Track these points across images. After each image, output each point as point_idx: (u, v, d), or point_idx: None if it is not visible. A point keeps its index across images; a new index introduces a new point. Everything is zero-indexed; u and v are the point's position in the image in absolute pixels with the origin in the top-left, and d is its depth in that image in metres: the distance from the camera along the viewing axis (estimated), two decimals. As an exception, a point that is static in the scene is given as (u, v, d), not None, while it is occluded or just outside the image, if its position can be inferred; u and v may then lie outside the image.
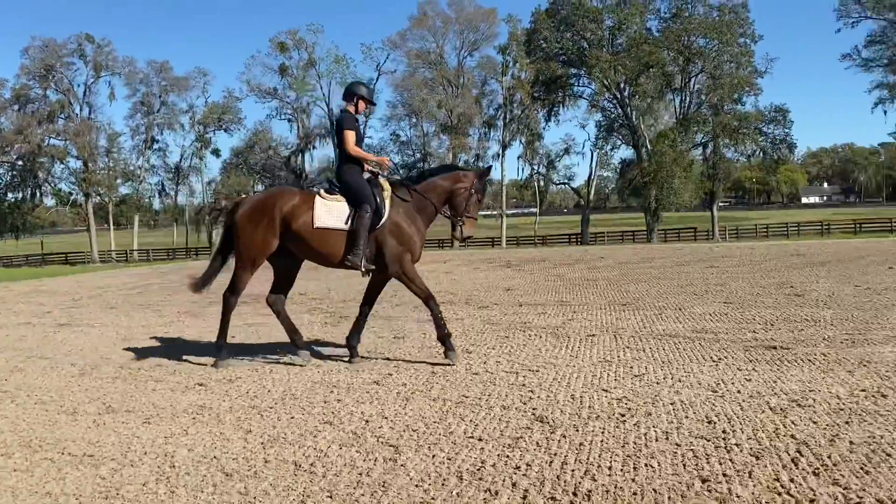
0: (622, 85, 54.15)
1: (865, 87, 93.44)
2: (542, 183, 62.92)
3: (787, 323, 8.12)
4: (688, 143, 53.32)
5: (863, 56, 53.19)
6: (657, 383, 5.48)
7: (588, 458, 3.87)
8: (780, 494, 3.29)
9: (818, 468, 3.57)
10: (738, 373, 5.72)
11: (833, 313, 8.68)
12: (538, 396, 5.21)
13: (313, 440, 4.46)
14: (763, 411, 4.60)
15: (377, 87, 71.40)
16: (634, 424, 4.43)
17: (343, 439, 4.44)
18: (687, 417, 4.54)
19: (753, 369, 5.82)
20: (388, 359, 6.94)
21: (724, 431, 4.23)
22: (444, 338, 6.58)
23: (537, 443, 4.17)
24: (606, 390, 5.31)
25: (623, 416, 4.63)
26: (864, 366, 5.75)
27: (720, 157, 54.55)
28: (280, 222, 6.61)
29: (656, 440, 4.13)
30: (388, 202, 6.63)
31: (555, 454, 3.96)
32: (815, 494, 3.26)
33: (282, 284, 7.11)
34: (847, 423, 4.27)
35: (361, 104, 6.97)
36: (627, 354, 6.67)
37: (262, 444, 4.46)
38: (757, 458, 3.76)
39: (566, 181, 64.29)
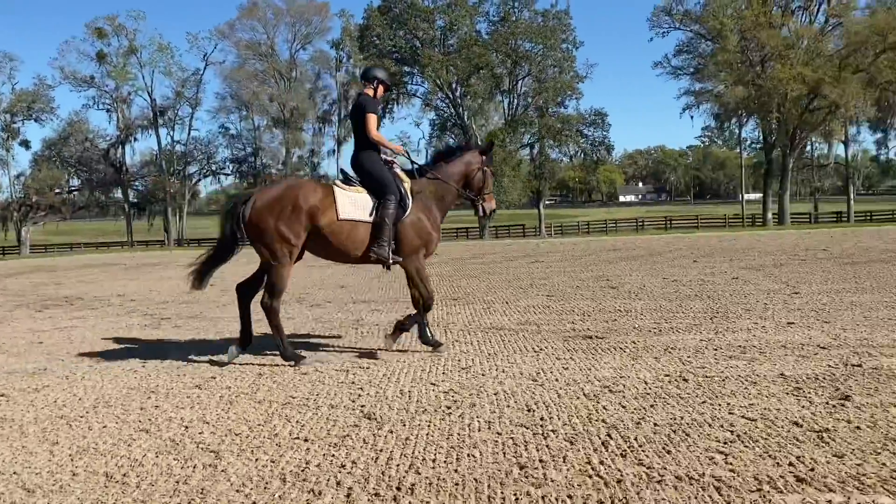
0: (454, 85, 55.36)
1: (675, 93, 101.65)
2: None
3: (603, 314, 8.65)
4: (516, 143, 55.40)
5: (672, 64, 57.69)
6: (482, 375, 5.66)
7: (413, 452, 3.92)
8: (590, 477, 3.49)
9: (625, 450, 3.83)
10: (556, 362, 6.02)
11: (643, 304, 9.36)
12: (367, 393, 5.21)
13: (127, 449, 4.21)
14: (578, 398, 4.86)
15: (204, 77, 68.54)
16: (459, 416, 4.54)
17: (160, 447, 4.22)
18: (509, 407, 4.72)
19: (571, 358, 6.15)
20: (213, 362, 6.69)
21: (542, 419, 4.43)
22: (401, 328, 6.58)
23: (364, 440, 4.17)
24: (434, 384, 5.41)
25: (449, 408, 4.73)
26: (669, 352, 6.23)
27: (545, 157, 57.23)
28: (306, 215, 6.07)
29: (479, 430, 4.26)
30: (409, 193, 6.38)
31: (381, 450, 3.98)
32: (622, 475, 3.49)
33: (260, 280, 6.40)
34: (652, 406, 4.60)
35: (381, 89, 6.67)
36: (456, 348, 6.83)
37: (69, 456, 4.15)
38: (571, 443, 3.97)
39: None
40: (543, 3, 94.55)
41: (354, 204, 6.22)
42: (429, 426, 4.38)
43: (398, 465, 3.74)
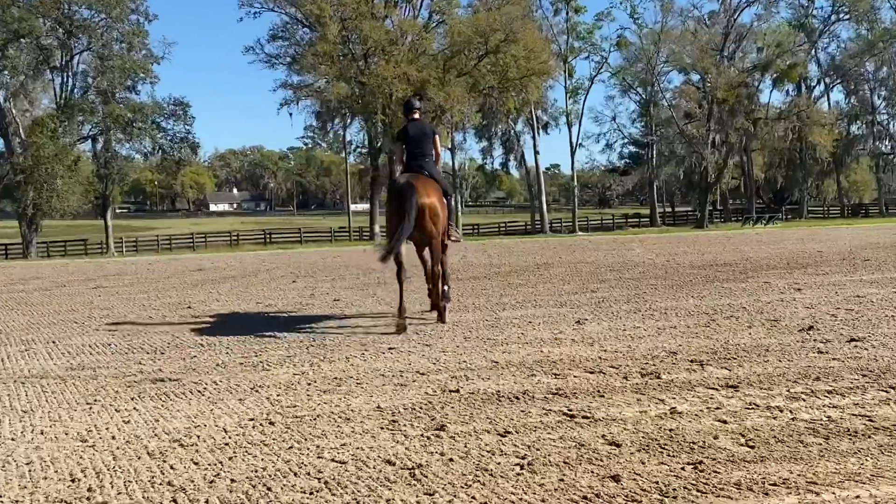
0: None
1: (272, 85, 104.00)
2: None
3: (180, 349, 8.47)
4: (73, 134, 52.25)
5: (266, 51, 58.91)
6: (12, 440, 5.14)
7: None
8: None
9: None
10: (115, 415, 5.72)
11: (230, 335, 9.37)
12: None
13: None
14: (140, 458, 4.66)
15: None
16: (-27, 500, 4.05)
17: None
18: (46, 479, 4.34)
19: (135, 409, 5.89)
20: None
21: (90, 489, 4.15)
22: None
23: None
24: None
25: (-42, 491, 4.19)
26: (256, 391, 6.30)
27: (113, 154, 54.80)
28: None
29: (0, 516, 3.84)
30: None
31: None
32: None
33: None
34: (231, 458, 4.59)
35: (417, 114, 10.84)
36: (-25, 408, 6.11)
37: None
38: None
39: None
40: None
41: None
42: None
43: None
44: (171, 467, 4.48)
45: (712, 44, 71.79)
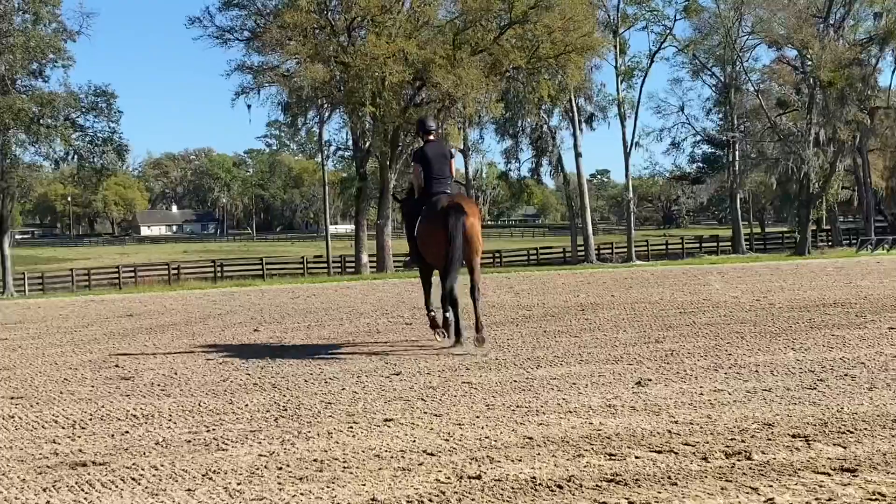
0: None
1: (225, 68, 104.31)
2: None
3: (108, 422, 8.53)
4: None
5: (217, 23, 58.93)
6: None
7: None
8: None
9: None
10: (23, 512, 5.75)
11: (173, 402, 9.43)
12: None
13: None
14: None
15: None
16: None
17: None
18: None
19: (48, 502, 5.92)
20: None
21: None
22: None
23: None
24: None
25: None
26: (210, 478, 6.33)
27: (13, 161, 54.99)
28: None
29: None
30: None
31: None
32: None
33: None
34: (179, 568, 4.62)
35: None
36: None
37: None
38: None
39: None
40: None
41: None
42: None
43: None
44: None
45: (813, 8, 71.65)
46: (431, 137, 14.09)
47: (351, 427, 7.88)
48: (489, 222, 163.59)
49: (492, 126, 75.73)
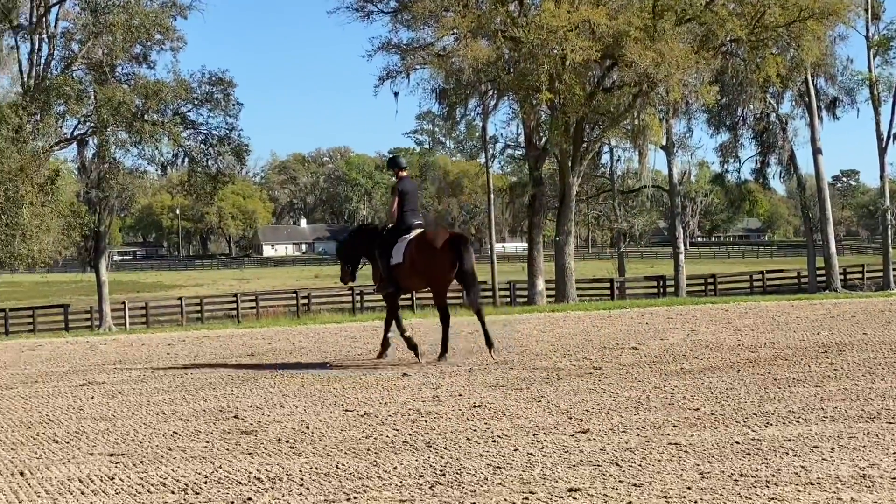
0: None
1: (366, 47, 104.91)
2: None
3: (223, 487, 8.72)
4: (48, 135, 54.03)
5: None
6: None
7: None
8: None
9: None
10: None
11: (305, 462, 9.56)
12: None
13: None
14: None
15: None
16: None
17: None
18: None
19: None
20: None
21: None
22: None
23: None
24: None
25: None
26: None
27: (112, 165, 56.38)
28: None
29: None
30: None
31: None
32: None
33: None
34: None
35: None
36: None
37: None
38: None
39: None
40: None
41: None
42: None
43: None
44: None
45: None
46: (404, 174, 19.90)
47: (527, 498, 7.87)
48: (699, 238, 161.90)
49: (703, 116, 74.71)
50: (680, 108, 63.63)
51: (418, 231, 19.27)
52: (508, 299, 65.07)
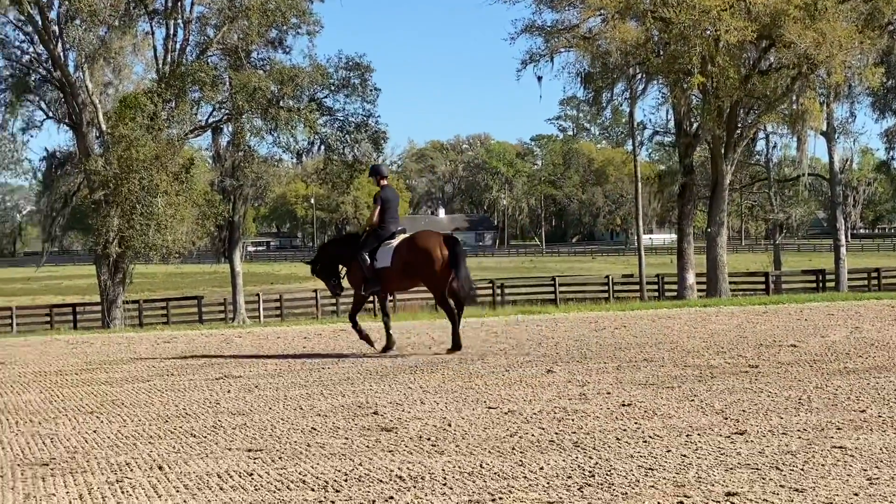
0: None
1: (509, 30, 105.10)
2: None
3: (363, 485, 8.79)
4: (182, 122, 54.83)
5: (500, -27, 60.02)
6: None
7: None
8: None
9: None
10: None
11: (447, 460, 9.62)
12: None
13: None
14: None
15: None
16: None
17: None
18: None
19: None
20: None
21: None
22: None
23: None
24: None
25: None
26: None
27: (246, 153, 57.02)
28: None
29: None
30: None
31: None
32: None
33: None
34: None
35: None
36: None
37: None
38: None
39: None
40: None
41: None
42: None
43: None
44: None
45: None
46: (385, 182, 22.22)
47: (681, 501, 7.81)
48: (861, 230, 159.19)
49: (867, 99, 73.35)
50: (842, 92, 62.42)
51: (405, 236, 21.55)
52: (657, 293, 64.61)
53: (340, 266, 22.77)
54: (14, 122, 57.98)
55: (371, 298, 24.36)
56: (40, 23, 53.95)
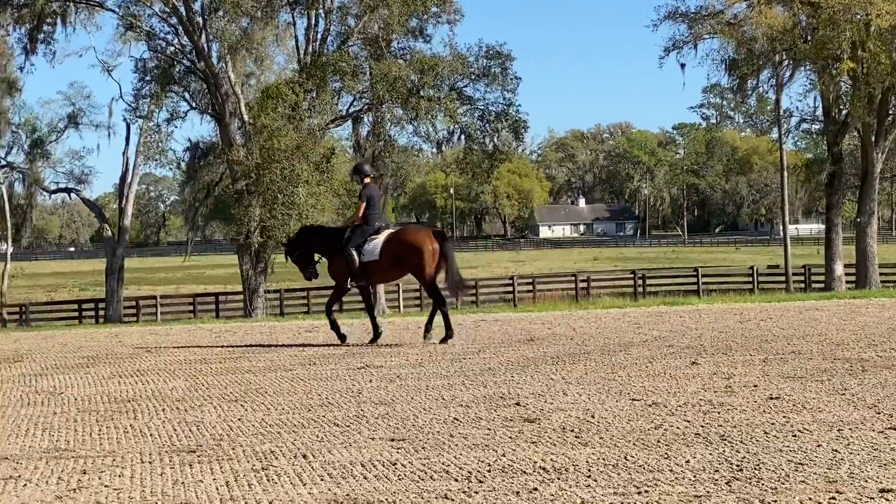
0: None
1: (651, 17, 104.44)
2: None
3: (507, 476, 8.83)
4: (323, 113, 55.34)
5: (644, -42, 59.87)
6: None
7: None
8: None
9: None
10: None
11: (590, 452, 9.62)
12: None
13: None
14: None
15: None
16: None
17: None
18: None
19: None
20: None
21: None
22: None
23: None
24: None
25: None
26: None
27: (386, 142, 57.39)
28: None
29: None
30: None
31: None
32: None
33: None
34: None
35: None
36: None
37: None
38: None
39: (73, 188, 64.48)
40: None
41: None
42: None
43: None
44: None
45: None
46: (368, 180, 23.96)
47: (833, 497, 7.73)
48: None
49: None
50: None
51: (390, 231, 23.01)
52: (803, 285, 63.77)
53: (317, 256, 24.27)
54: (159, 113, 59.27)
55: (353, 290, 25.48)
56: (184, 14, 54.90)
